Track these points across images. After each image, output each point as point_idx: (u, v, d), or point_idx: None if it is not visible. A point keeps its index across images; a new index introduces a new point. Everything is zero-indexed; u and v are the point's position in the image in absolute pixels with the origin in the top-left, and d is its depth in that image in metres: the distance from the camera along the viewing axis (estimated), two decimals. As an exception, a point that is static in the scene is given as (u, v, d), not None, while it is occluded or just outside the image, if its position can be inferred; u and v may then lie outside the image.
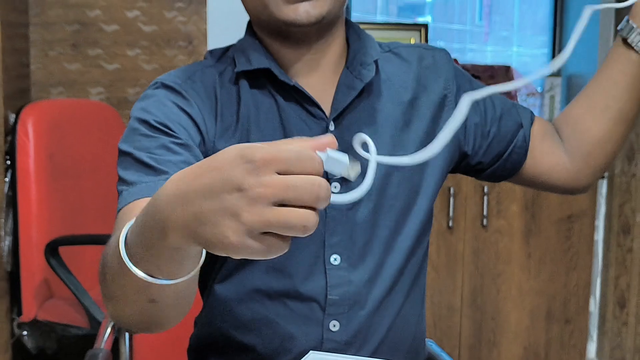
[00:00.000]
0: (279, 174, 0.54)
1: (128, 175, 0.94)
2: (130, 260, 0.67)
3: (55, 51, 2.59)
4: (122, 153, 0.97)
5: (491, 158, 1.14)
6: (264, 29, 1.04)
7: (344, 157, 0.55)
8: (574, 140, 1.14)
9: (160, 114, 0.97)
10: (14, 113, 2.18)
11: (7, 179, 2.19)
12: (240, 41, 1.07)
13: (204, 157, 0.88)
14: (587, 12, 0.84)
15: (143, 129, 0.96)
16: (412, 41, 2.76)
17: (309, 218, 0.56)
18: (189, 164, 0.92)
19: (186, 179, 0.60)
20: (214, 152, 0.82)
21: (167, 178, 0.74)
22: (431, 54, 1.14)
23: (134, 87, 2.62)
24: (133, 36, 2.60)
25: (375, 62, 1.05)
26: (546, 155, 1.15)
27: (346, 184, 1.03)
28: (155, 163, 0.93)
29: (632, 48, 1.06)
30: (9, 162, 2.17)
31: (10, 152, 2.16)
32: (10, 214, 2.20)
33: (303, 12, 0.95)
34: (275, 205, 0.54)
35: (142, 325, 0.83)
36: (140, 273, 0.66)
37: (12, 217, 2.20)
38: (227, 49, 1.09)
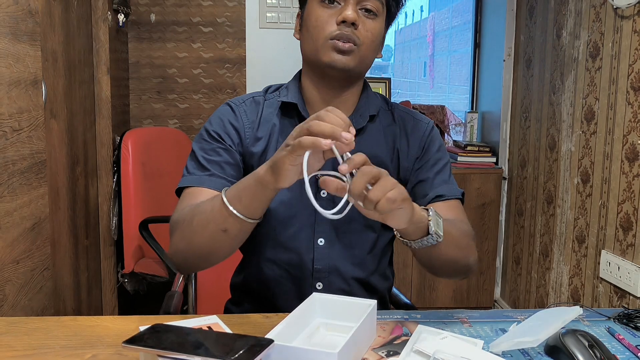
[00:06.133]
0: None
1: (190, 165, 1.08)
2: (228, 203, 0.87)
3: (146, 96, 3.00)
4: (192, 150, 1.10)
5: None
6: (308, 70, 1.11)
7: None
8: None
9: (217, 127, 1.10)
10: (119, 136, 2.53)
11: (114, 179, 2.50)
12: (289, 82, 1.17)
13: (240, 155, 1.09)
14: None
15: (205, 135, 1.10)
16: (380, 90, 3.00)
17: (310, 139, 0.76)
18: (227, 163, 1.07)
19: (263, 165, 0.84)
20: (247, 151, 1.09)
21: (209, 174, 1.02)
22: (413, 122, 1.17)
23: (197, 119, 3.05)
24: (197, 86, 3.02)
25: (372, 116, 1.13)
26: None
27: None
28: (205, 162, 1.06)
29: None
30: (115, 168, 2.49)
31: (117, 162, 2.49)
32: (116, 202, 2.48)
33: (339, 60, 1.04)
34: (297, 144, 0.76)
35: (205, 252, 0.93)
36: (235, 211, 0.86)
37: (118, 204, 2.46)
38: (280, 85, 1.19)
